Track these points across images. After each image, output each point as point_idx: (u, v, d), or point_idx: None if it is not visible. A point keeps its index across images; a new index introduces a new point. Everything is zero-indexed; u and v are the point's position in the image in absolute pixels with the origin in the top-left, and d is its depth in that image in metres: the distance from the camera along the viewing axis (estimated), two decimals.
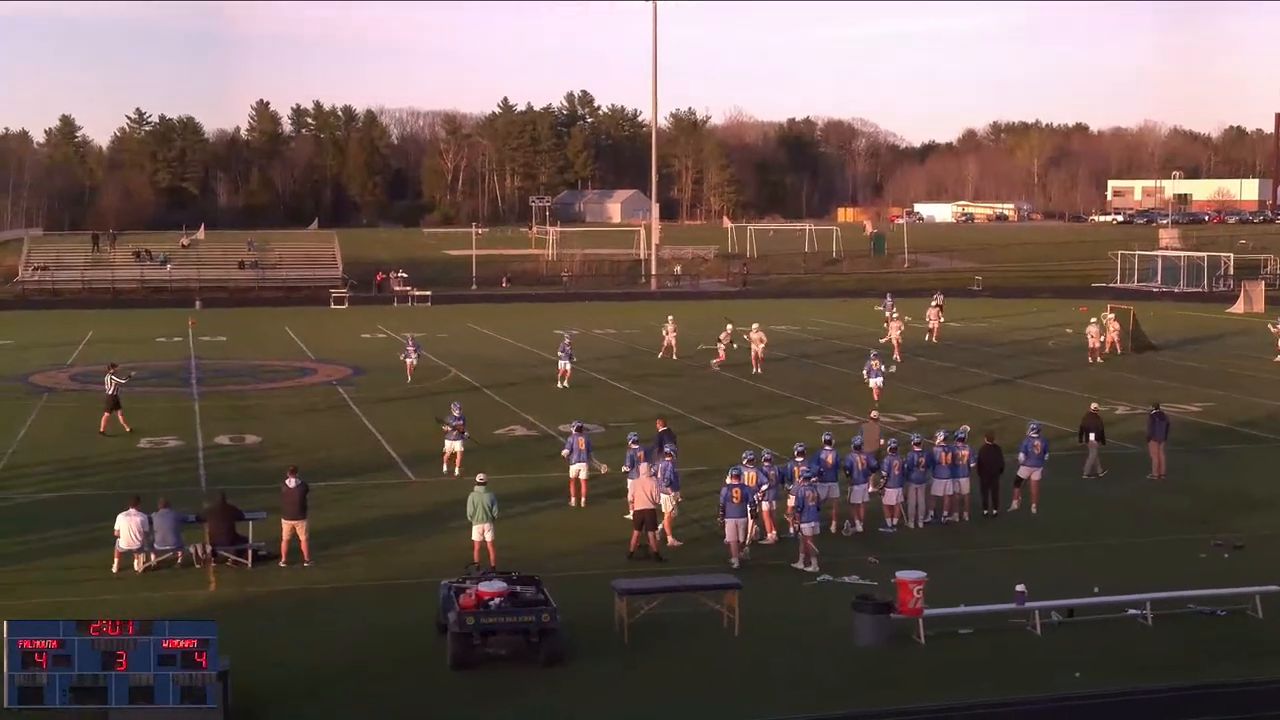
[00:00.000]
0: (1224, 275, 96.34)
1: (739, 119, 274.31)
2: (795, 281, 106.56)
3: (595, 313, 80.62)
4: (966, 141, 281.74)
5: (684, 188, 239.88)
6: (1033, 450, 29.65)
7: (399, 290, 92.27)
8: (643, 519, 25.54)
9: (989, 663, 20.22)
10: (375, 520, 28.73)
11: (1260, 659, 20.37)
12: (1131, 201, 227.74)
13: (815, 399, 44.95)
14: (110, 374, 39.82)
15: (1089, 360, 54.62)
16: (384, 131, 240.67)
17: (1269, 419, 41.45)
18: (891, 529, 27.88)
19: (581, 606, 21.73)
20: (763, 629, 21.39)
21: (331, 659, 20.16)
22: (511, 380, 49.76)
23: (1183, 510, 29.79)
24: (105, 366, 41.33)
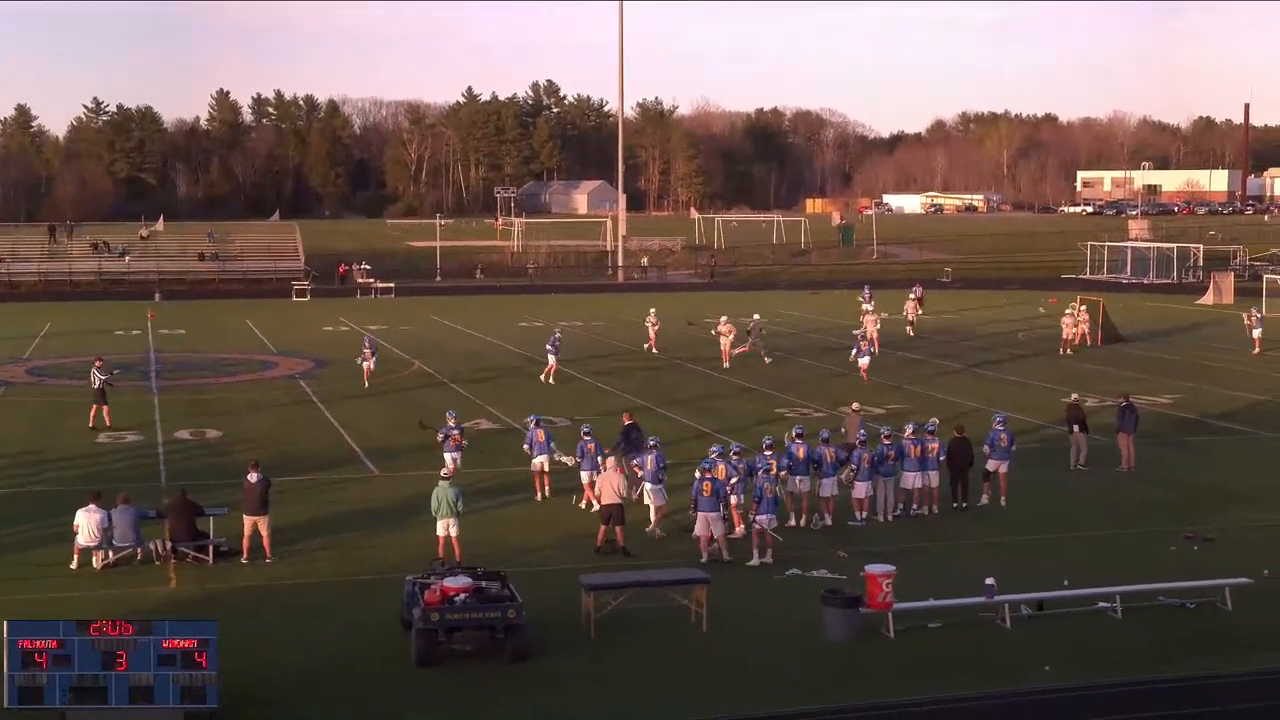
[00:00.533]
0: (1194, 267, 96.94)
1: (706, 109, 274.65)
2: (763, 273, 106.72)
3: (561, 305, 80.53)
4: (935, 132, 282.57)
5: (651, 178, 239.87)
6: (999, 443, 29.77)
7: (362, 282, 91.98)
8: (610, 514, 25.54)
9: (958, 657, 20.31)
10: (338, 515, 28.66)
11: (1230, 652, 20.51)
12: (1101, 192, 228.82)
13: (784, 392, 45.02)
14: (96, 367, 39.58)
15: (1061, 351, 54.96)
16: (346, 121, 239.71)
17: (1239, 411, 41.74)
18: (860, 522, 27.97)
19: (548, 602, 21.73)
20: (731, 624, 21.42)
21: (294, 656, 20.09)
22: (477, 373, 49.67)
23: (1152, 503, 29.96)
24: (93, 359, 41.07)
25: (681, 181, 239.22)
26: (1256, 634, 21.26)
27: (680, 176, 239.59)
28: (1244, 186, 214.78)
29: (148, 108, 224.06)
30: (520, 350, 56.66)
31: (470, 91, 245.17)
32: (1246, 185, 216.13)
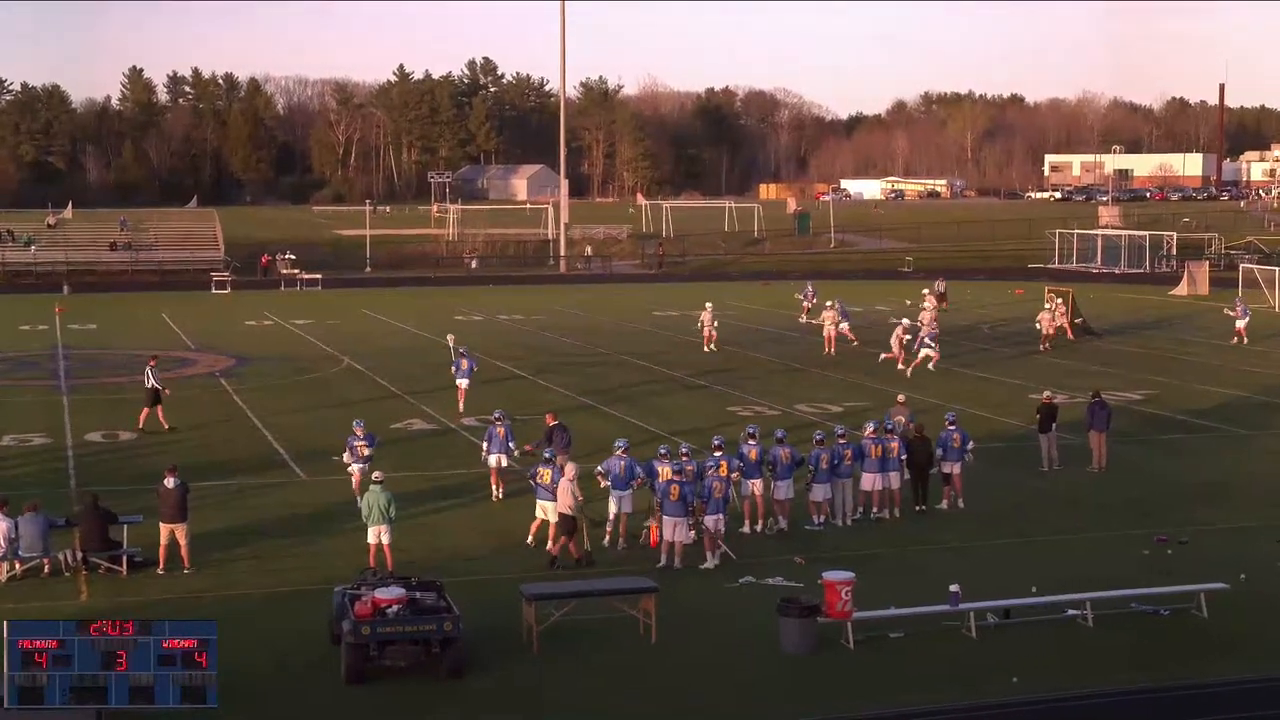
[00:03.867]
0: (1167, 255, 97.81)
1: (653, 88, 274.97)
2: (714, 263, 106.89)
3: (500, 297, 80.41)
4: (896, 113, 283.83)
5: (595, 163, 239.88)
6: (951, 444, 29.94)
7: (286, 273, 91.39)
8: (563, 524, 25.39)
9: (922, 668, 20.41)
10: (262, 522, 28.51)
11: (1205, 660, 20.73)
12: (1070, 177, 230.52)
13: (736, 389, 45.13)
14: (150, 366, 39.27)
15: (1041, 348, 55.02)
16: (269, 101, 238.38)
17: (1214, 407, 42.18)
18: (819, 526, 28.06)
19: (487, 613, 21.69)
20: (682, 635, 21.45)
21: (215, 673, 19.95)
22: (410, 371, 49.51)
23: (1124, 504, 30.23)
24: (148, 359, 40.80)
25: (627, 166, 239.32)
26: (1233, 642, 21.49)
27: (626, 161, 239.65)
28: (1219, 171, 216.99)
29: (55, 86, 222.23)
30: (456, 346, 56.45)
31: (402, 70, 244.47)
32: (1222, 170, 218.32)
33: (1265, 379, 47.80)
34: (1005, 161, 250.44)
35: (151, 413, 38.38)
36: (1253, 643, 21.47)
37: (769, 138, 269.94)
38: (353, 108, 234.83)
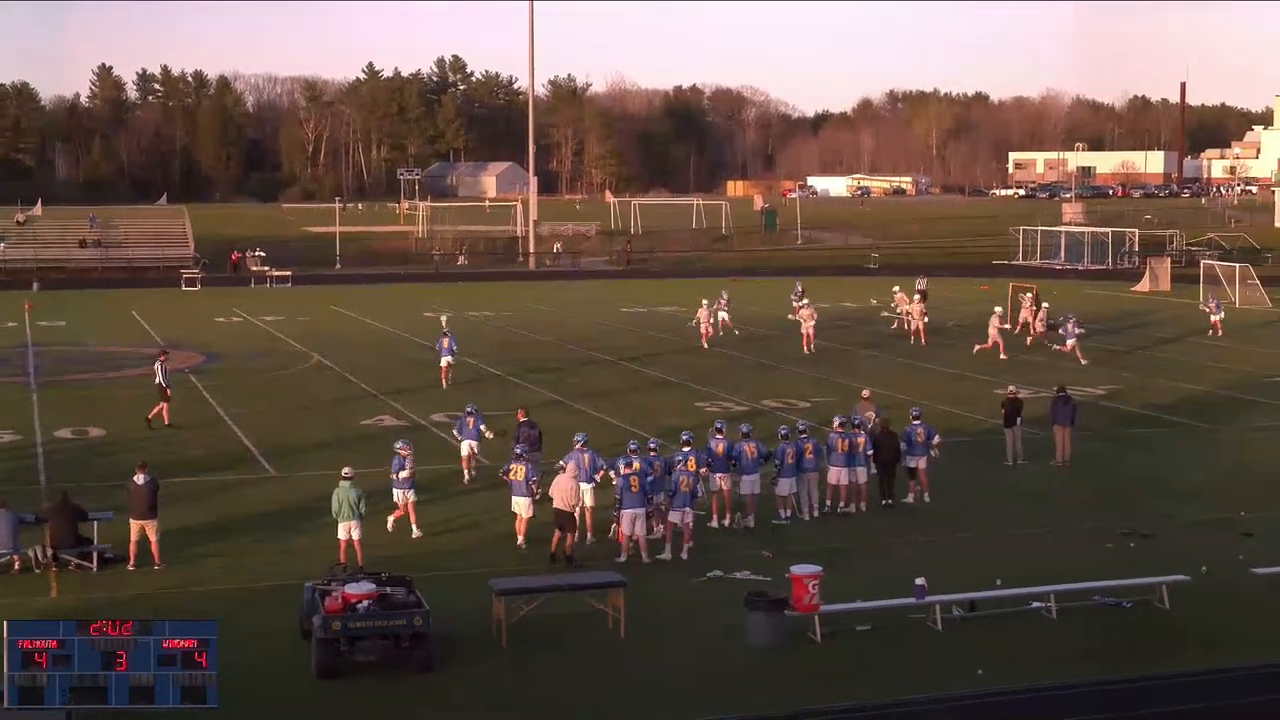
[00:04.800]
0: (1129, 252, 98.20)
1: (621, 86, 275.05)
2: (682, 260, 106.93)
3: (469, 294, 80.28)
4: (862, 111, 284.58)
5: (563, 160, 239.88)
6: (915, 439, 29.98)
7: (256, 270, 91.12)
8: (561, 520, 25.34)
9: (888, 661, 20.48)
10: (232, 519, 28.41)
11: (1167, 652, 20.84)
12: (1034, 174, 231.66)
13: (704, 385, 45.16)
14: (161, 361, 39.20)
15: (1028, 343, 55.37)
16: (238, 99, 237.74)
17: (1177, 403, 42.38)
18: (785, 521, 28.11)
19: (457, 609, 21.66)
20: (650, 629, 21.47)
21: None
22: (380, 367, 49.41)
23: (1088, 498, 30.36)
24: (157, 353, 40.73)
25: (596, 163, 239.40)
26: (1194, 633, 21.61)
27: (595, 158, 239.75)
28: (1180, 168, 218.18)
29: (24, 84, 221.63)
30: (425, 342, 56.36)
31: (371, 67, 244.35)
32: (1183, 167, 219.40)
33: (1228, 374, 48.08)
34: (970, 159, 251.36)
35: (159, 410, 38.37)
36: (1214, 634, 21.59)
37: (736, 135, 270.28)
38: (322, 105, 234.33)
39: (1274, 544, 26.11)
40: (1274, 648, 20.97)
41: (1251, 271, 74.03)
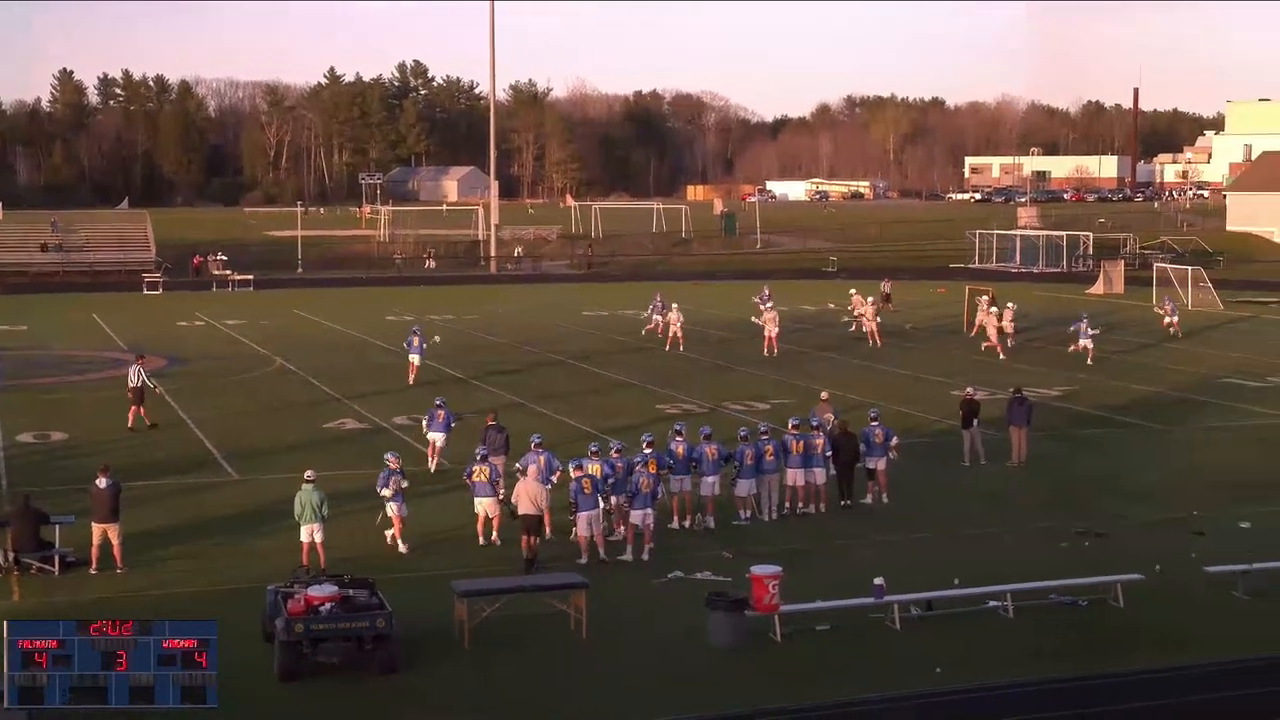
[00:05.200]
0: (1083, 255, 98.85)
1: (582, 91, 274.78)
2: (642, 264, 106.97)
3: (431, 297, 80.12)
4: (820, 116, 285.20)
5: (525, 164, 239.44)
6: (874, 439, 30.05)
7: (218, 274, 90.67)
8: (528, 524, 25.16)
9: (847, 660, 20.55)
10: (195, 522, 28.27)
11: (1122, 650, 20.97)
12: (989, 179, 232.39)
13: (665, 388, 45.19)
14: (138, 365, 38.98)
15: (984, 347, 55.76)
16: (200, 103, 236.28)
17: (1131, 404, 42.65)
18: (745, 522, 28.15)
19: (419, 610, 21.63)
20: (612, 630, 21.48)
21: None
22: (342, 370, 49.25)
23: (1044, 498, 30.53)
24: (133, 357, 40.53)
25: (557, 168, 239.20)
26: (1149, 631, 21.75)
27: (555, 162, 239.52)
28: (1134, 173, 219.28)
29: None
30: (388, 345, 56.27)
31: (333, 72, 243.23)
32: (1136, 172, 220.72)
33: (1181, 375, 48.41)
34: (927, 163, 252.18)
35: (136, 410, 38.26)
36: (1167, 632, 21.73)
37: (696, 140, 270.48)
38: (284, 110, 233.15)
39: (1226, 543, 26.31)
40: (1227, 645, 21.13)
41: (1204, 274, 74.70)
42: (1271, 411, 41.33)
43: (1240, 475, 32.89)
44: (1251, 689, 19.56)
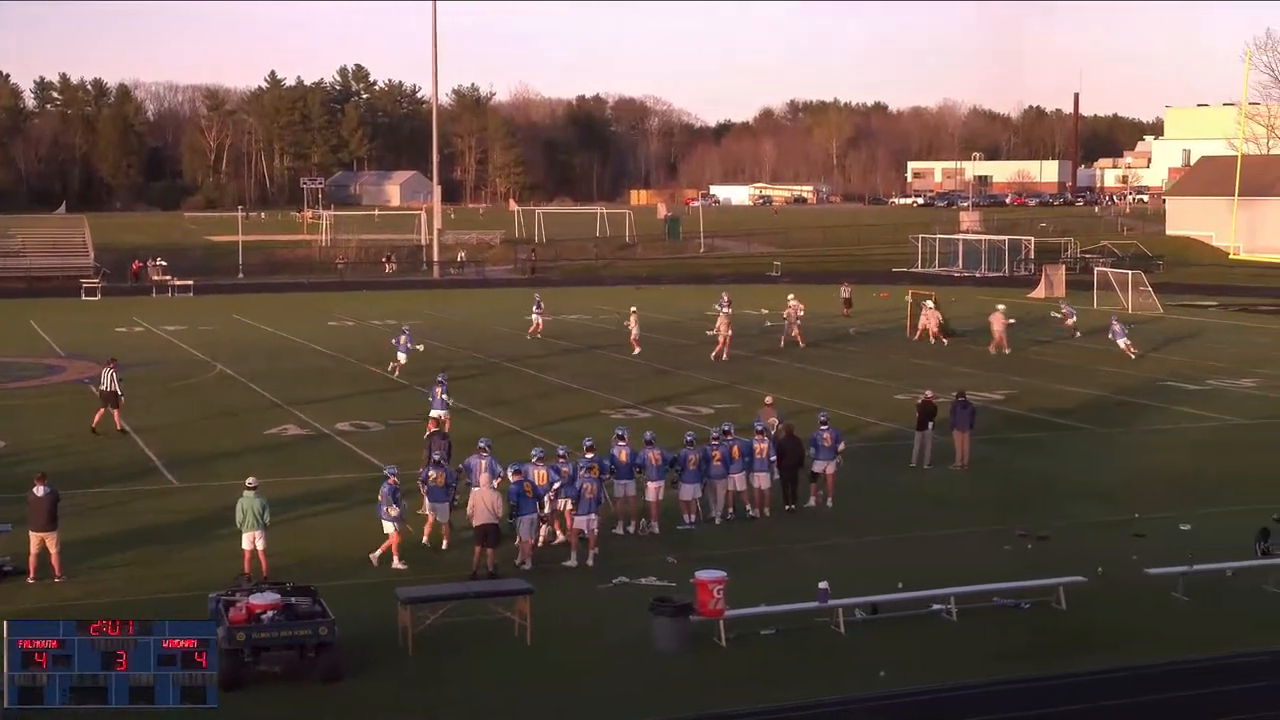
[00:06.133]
0: (1025, 259, 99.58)
1: (525, 95, 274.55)
2: (587, 268, 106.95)
3: (374, 302, 79.84)
4: (763, 121, 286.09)
5: (467, 168, 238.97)
6: (823, 443, 30.13)
7: (158, 279, 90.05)
8: (485, 533, 24.93)
9: (792, 664, 20.58)
10: (135, 530, 28.03)
11: (1065, 652, 21.11)
12: (932, 183, 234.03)
13: (608, 391, 45.19)
14: (110, 369, 38.76)
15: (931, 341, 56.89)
16: (139, 107, 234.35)
17: (1073, 407, 42.95)
18: (690, 526, 28.18)
19: (363, 618, 21.54)
20: (557, 636, 21.45)
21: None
22: (283, 376, 48.97)
23: (986, 501, 30.72)
24: (106, 361, 40.24)
25: (500, 172, 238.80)
26: (1090, 633, 21.92)
27: (498, 166, 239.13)
28: (1074, 178, 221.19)
29: None
30: (329, 351, 56.06)
31: (273, 76, 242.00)
32: (1077, 176, 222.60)
33: (1121, 378, 48.79)
34: (870, 168, 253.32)
35: (107, 414, 38.12)
36: (1109, 634, 21.90)
37: (639, 144, 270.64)
38: (224, 114, 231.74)
39: (1167, 544, 26.53)
40: (1168, 646, 21.32)
41: (1144, 278, 75.38)
42: (1211, 414, 41.76)
43: (1180, 477, 33.22)
44: (1193, 690, 19.73)
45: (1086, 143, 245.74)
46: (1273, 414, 41.90)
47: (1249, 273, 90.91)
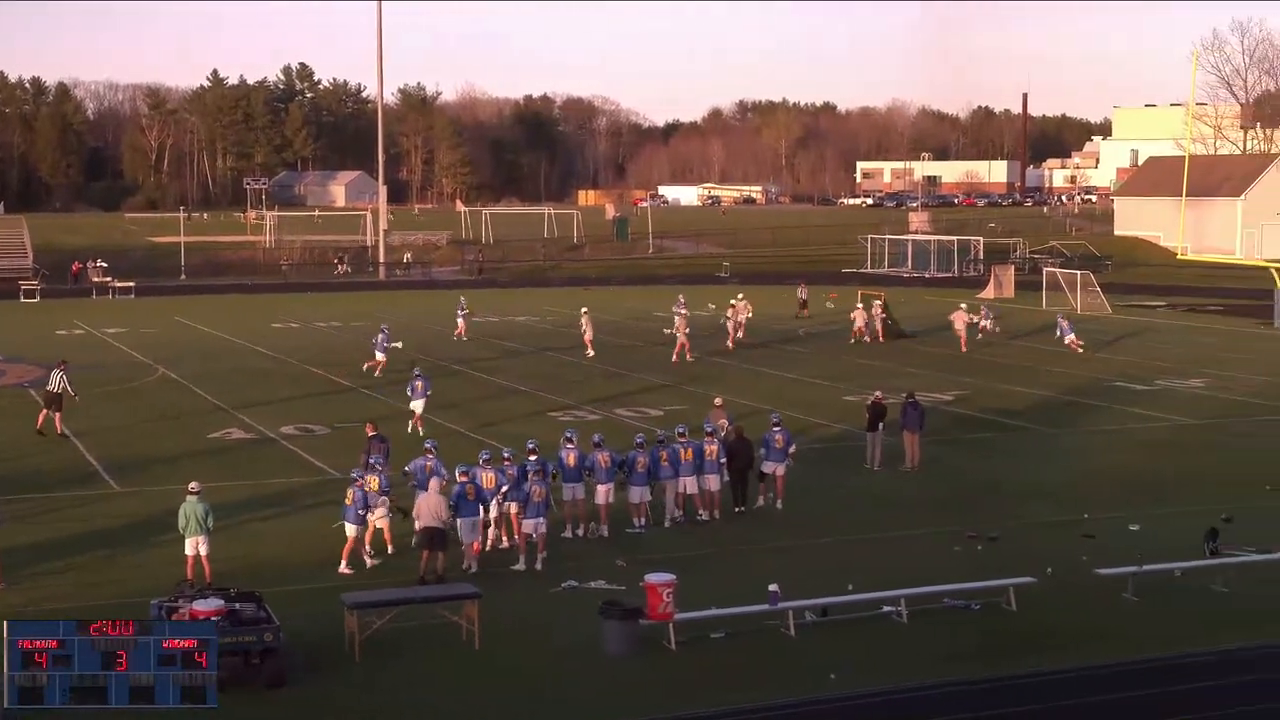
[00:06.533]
0: (974, 260, 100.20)
1: (472, 95, 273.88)
2: (534, 269, 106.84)
3: (319, 304, 79.50)
4: (712, 121, 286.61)
5: (414, 169, 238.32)
6: (774, 444, 30.19)
7: (98, 281, 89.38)
8: (431, 537, 24.77)
9: (742, 667, 20.61)
10: (76, 536, 27.79)
11: (1015, 653, 21.23)
12: (881, 184, 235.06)
13: (556, 394, 45.14)
14: (61, 370, 38.50)
15: (851, 340, 57.20)
16: (78, 106, 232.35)
17: (1023, 408, 43.22)
18: (639, 529, 28.18)
19: (309, 623, 21.44)
20: (505, 641, 21.40)
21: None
22: (226, 379, 48.67)
23: (937, 502, 30.85)
24: (57, 362, 39.92)
25: (446, 172, 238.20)
26: (1041, 634, 22.05)
27: (445, 167, 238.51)
28: (1023, 178, 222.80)
29: None
30: (274, 354, 55.75)
31: (216, 74, 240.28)
32: (1025, 177, 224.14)
33: (1070, 379, 49.14)
34: (819, 168, 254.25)
35: (49, 417, 37.83)
36: (1059, 635, 22.04)
37: (587, 144, 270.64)
38: (165, 113, 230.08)
39: (1116, 545, 26.73)
40: (1118, 647, 21.46)
41: (1092, 278, 75.98)
42: (1159, 414, 42.10)
43: (1129, 477, 33.47)
44: (1142, 690, 19.87)
45: (1035, 143, 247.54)
46: (1221, 414, 42.29)
47: (1196, 273, 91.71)
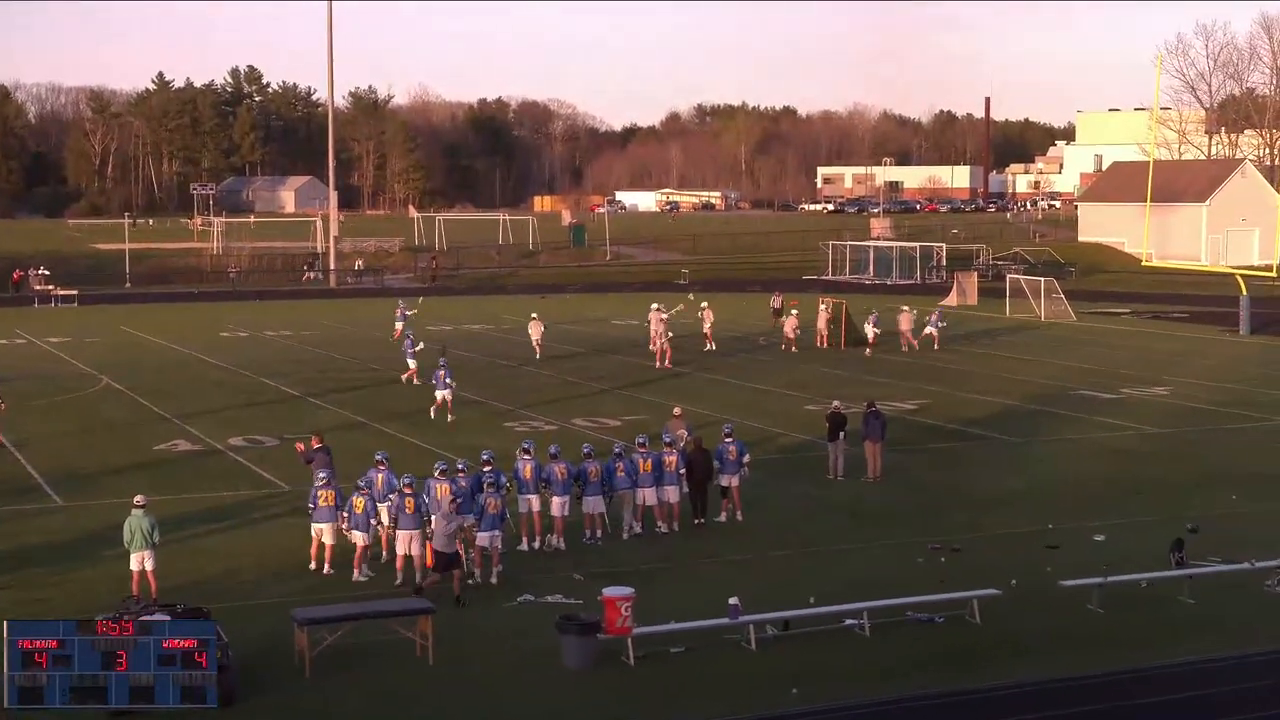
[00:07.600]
0: (937, 266, 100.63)
1: (424, 98, 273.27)
2: (490, 276, 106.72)
3: (267, 312, 79.18)
4: (670, 125, 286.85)
5: (365, 174, 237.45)
6: (727, 456, 30.16)
7: (40, 289, 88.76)
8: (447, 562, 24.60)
9: (702, 682, 20.63)
10: (18, 551, 27.60)
11: (980, 665, 21.33)
12: (842, 189, 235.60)
13: (512, 404, 45.09)
14: None
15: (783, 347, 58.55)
16: (20, 109, 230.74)
17: (986, 416, 43.43)
18: (596, 542, 28.16)
19: (258, 639, 21.35)
20: (460, 656, 21.37)
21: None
22: (173, 389, 48.42)
23: (899, 513, 30.95)
24: None
25: (399, 177, 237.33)
26: (1004, 646, 22.16)
27: (397, 172, 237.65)
28: (986, 183, 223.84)
29: None
30: (222, 363, 55.48)
31: (161, 77, 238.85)
32: (988, 182, 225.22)
33: (1033, 387, 49.41)
34: (779, 173, 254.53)
35: None
36: (1024, 647, 22.16)
37: (543, 149, 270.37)
38: (109, 116, 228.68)
39: (1081, 556, 26.90)
40: (1083, 659, 21.60)
41: (1056, 285, 76.44)
42: (1123, 423, 42.36)
43: (1093, 487, 33.66)
44: (1107, 702, 19.99)
45: (998, 148, 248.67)
46: (1185, 423, 42.58)
47: (1160, 279, 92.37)
